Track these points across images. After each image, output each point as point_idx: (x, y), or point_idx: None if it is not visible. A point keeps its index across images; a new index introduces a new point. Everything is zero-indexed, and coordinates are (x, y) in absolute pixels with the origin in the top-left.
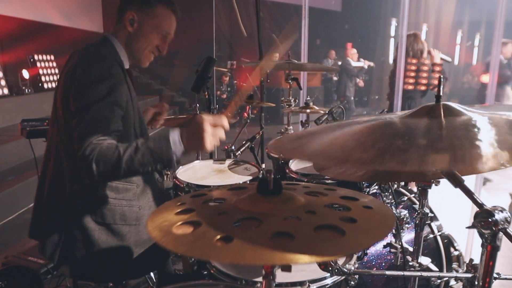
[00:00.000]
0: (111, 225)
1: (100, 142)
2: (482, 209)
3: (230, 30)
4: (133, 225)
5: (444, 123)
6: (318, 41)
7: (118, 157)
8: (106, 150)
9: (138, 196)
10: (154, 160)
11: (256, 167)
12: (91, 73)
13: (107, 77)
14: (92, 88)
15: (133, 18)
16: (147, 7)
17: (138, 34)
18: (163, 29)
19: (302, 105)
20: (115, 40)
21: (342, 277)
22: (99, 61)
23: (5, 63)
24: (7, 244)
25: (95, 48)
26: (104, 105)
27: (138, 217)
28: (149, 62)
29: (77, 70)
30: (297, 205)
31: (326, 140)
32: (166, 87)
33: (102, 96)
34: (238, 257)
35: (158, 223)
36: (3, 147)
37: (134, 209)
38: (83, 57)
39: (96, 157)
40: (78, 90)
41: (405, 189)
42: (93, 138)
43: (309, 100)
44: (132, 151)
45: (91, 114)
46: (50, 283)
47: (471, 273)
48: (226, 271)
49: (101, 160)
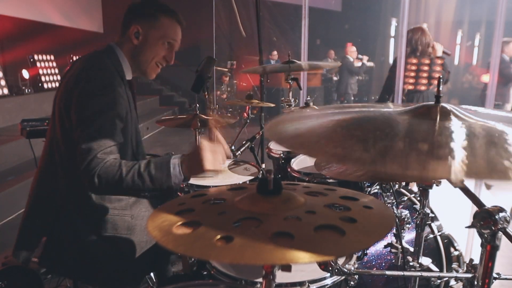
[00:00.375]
0: (102, 234)
1: (104, 157)
2: (481, 208)
3: (230, 30)
4: (124, 234)
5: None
6: (318, 41)
7: (120, 177)
8: (110, 167)
9: (130, 206)
10: (153, 187)
11: (256, 167)
12: (94, 83)
13: (109, 88)
14: (95, 99)
15: (138, 31)
16: (152, 19)
17: (144, 47)
18: (169, 38)
19: (302, 105)
20: (119, 51)
21: (342, 277)
22: (102, 71)
23: (5, 63)
24: (7, 244)
25: (99, 57)
26: (107, 118)
27: (129, 227)
28: (156, 74)
29: (79, 79)
30: (297, 205)
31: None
32: (166, 87)
33: (105, 108)
34: (238, 257)
35: (158, 223)
36: (3, 147)
37: (126, 219)
38: (86, 66)
39: (99, 172)
40: (80, 100)
41: (406, 189)
42: (97, 152)
43: (309, 100)
44: (135, 175)
45: (95, 127)
46: (50, 283)
47: (471, 273)
48: (226, 271)
49: (104, 176)
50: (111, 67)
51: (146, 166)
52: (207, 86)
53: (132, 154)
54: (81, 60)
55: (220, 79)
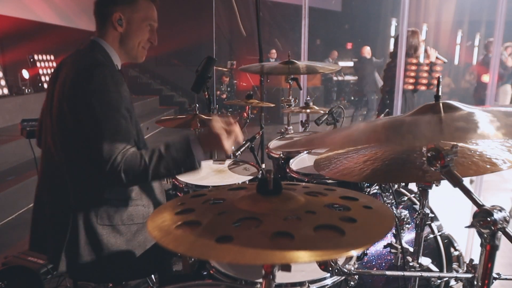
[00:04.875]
0: (119, 226)
1: (124, 150)
2: (481, 208)
3: (230, 30)
4: (140, 223)
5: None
6: (318, 41)
7: (144, 166)
8: (132, 160)
9: (140, 195)
10: (177, 168)
11: (256, 167)
12: (97, 82)
13: (113, 84)
14: (102, 97)
15: (120, 18)
16: (132, 3)
17: (130, 32)
18: (150, 20)
19: (302, 105)
20: (104, 43)
21: (342, 277)
22: (99, 68)
23: (5, 63)
24: (7, 244)
25: (89, 55)
26: (120, 112)
27: (144, 215)
28: (144, 57)
29: (79, 81)
30: (297, 205)
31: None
32: (166, 87)
33: (116, 103)
34: (238, 257)
35: (158, 223)
36: (3, 147)
37: (139, 208)
38: (81, 67)
39: (124, 168)
40: (86, 101)
41: (406, 189)
42: (118, 150)
43: (309, 100)
44: (157, 160)
45: (108, 125)
46: (50, 283)
47: (471, 273)
48: (226, 271)
49: (130, 170)
50: (105, 62)
51: (167, 149)
52: (207, 86)
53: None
54: (71, 62)
55: (220, 79)
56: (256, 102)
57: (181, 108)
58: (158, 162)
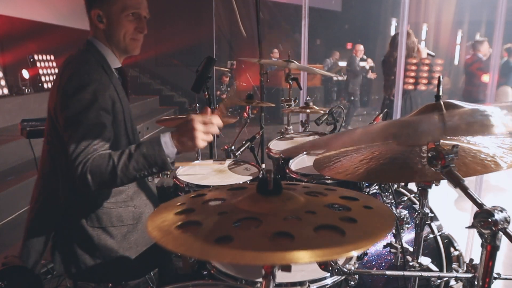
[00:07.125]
0: (108, 228)
1: (92, 152)
2: (481, 209)
3: (230, 30)
4: (131, 224)
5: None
6: (318, 41)
7: (112, 166)
8: (100, 160)
9: (131, 196)
10: (149, 165)
11: (256, 167)
12: (73, 81)
13: (88, 82)
14: (76, 97)
15: (99, 15)
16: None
17: (111, 26)
18: (131, 9)
19: (302, 105)
20: (97, 42)
21: (342, 277)
22: (80, 67)
23: (5, 63)
24: (7, 244)
25: (79, 55)
26: (90, 113)
27: (135, 216)
28: (138, 48)
29: (61, 81)
30: (297, 205)
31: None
32: (166, 87)
33: (87, 104)
34: (238, 257)
35: (158, 223)
36: (3, 147)
37: (129, 209)
38: (67, 66)
39: (90, 168)
40: (63, 100)
41: (405, 189)
42: (86, 150)
43: (309, 100)
44: (126, 158)
45: (80, 125)
46: (50, 283)
47: (471, 273)
48: (226, 271)
49: (96, 171)
50: (91, 60)
51: (137, 148)
52: (207, 86)
53: (128, 143)
54: (67, 62)
55: (220, 79)
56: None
57: (181, 108)
58: (128, 160)
